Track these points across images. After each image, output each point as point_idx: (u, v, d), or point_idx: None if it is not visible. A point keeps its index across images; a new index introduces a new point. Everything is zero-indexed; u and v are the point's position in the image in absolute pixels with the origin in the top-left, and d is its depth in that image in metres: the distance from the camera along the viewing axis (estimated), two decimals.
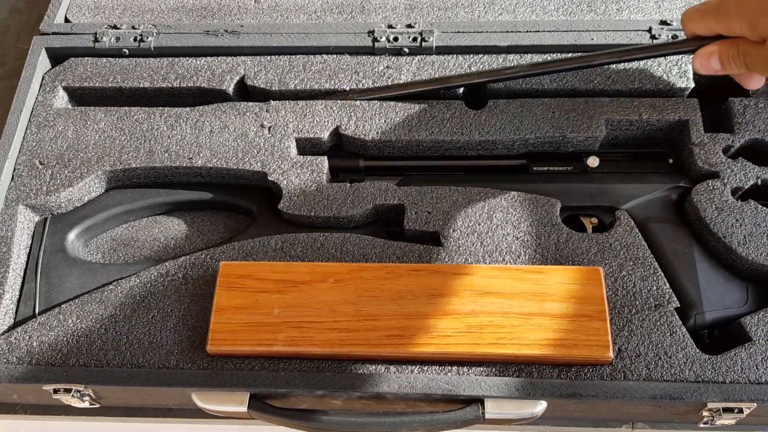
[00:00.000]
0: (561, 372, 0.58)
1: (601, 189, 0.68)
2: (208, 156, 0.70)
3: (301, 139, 0.71)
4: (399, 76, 0.73)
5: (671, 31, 0.73)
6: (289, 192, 0.68)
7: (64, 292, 0.65)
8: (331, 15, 0.81)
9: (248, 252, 0.65)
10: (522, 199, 0.66)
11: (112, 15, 0.82)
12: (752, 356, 0.58)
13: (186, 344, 0.61)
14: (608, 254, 0.63)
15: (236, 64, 0.75)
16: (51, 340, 0.61)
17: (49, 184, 0.69)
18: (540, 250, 0.64)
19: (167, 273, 0.64)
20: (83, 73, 0.75)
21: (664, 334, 0.59)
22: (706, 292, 0.63)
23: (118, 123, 0.72)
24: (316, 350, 0.58)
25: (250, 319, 0.59)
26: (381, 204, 0.67)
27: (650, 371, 0.58)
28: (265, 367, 0.59)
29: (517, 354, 0.57)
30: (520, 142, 0.70)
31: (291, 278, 0.61)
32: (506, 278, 0.60)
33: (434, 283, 0.60)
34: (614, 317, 0.60)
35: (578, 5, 0.80)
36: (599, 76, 0.72)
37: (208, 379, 0.59)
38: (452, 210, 0.66)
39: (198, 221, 0.72)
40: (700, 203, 0.65)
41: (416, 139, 0.70)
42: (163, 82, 0.74)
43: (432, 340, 0.58)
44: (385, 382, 0.58)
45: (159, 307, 0.62)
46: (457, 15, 0.80)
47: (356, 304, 0.59)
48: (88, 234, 0.70)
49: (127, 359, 0.60)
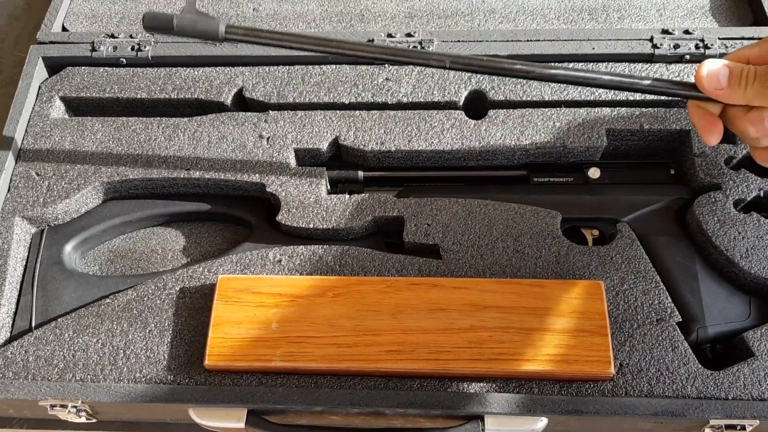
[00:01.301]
0: (562, 388, 0.57)
1: (603, 200, 0.68)
2: (206, 167, 0.69)
3: (300, 149, 0.70)
4: (399, 89, 0.72)
5: (673, 40, 0.73)
6: (287, 203, 0.67)
7: (61, 305, 0.65)
8: (331, 23, 0.80)
9: (246, 265, 0.65)
10: (522, 212, 0.66)
11: (109, 24, 0.81)
12: (755, 372, 0.57)
13: (183, 359, 0.60)
14: (609, 267, 0.63)
15: (234, 75, 0.74)
16: (47, 354, 0.61)
17: (45, 196, 0.68)
18: (540, 263, 0.63)
19: (164, 286, 0.63)
20: (80, 82, 0.75)
21: (665, 349, 0.59)
22: (708, 306, 0.62)
23: (115, 133, 0.72)
24: (314, 365, 0.58)
25: (247, 333, 0.59)
26: (380, 216, 0.67)
27: (652, 387, 0.57)
28: (263, 382, 0.58)
29: (517, 370, 0.57)
30: (521, 152, 0.69)
31: (289, 292, 0.60)
32: (506, 292, 0.60)
33: (434, 297, 0.59)
34: (615, 332, 0.59)
35: (579, 14, 0.79)
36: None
37: (205, 394, 0.58)
38: (452, 222, 0.66)
39: (196, 232, 0.72)
40: (702, 215, 0.64)
41: (416, 149, 0.69)
42: (160, 93, 0.73)
43: (432, 356, 0.57)
44: (384, 398, 0.57)
45: (156, 321, 0.62)
46: (457, 23, 0.79)
47: (355, 319, 0.59)
48: (85, 246, 0.70)
49: (123, 374, 0.60)
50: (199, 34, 0.56)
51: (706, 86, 0.53)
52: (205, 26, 0.55)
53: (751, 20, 0.78)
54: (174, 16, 0.55)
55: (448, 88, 0.72)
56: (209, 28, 0.55)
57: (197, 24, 0.55)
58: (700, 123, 0.57)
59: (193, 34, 0.56)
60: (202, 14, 0.56)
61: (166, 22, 0.55)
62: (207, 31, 0.56)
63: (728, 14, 0.79)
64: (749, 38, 0.73)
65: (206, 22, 0.55)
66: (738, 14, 0.79)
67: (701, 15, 0.79)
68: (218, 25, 0.55)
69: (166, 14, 0.55)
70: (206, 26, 0.55)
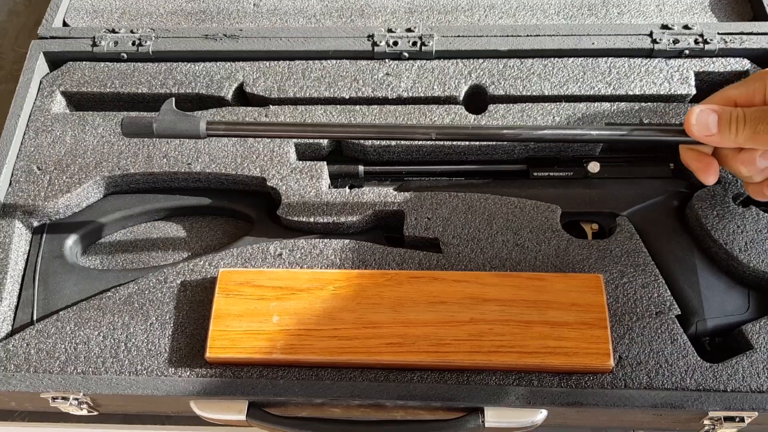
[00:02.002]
0: (561, 380, 0.57)
1: (602, 195, 0.68)
2: (206, 161, 0.69)
3: (301, 144, 0.70)
4: (399, 84, 0.72)
5: (672, 35, 0.73)
6: (288, 197, 0.67)
7: (62, 298, 0.65)
8: (331, 19, 0.81)
9: (247, 258, 0.65)
10: (522, 205, 0.66)
11: (110, 19, 0.81)
12: (754, 364, 0.58)
13: (184, 352, 0.60)
14: (609, 261, 0.63)
15: (235, 70, 0.74)
16: (49, 347, 0.61)
17: (47, 190, 0.68)
18: (540, 256, 0.64)
19: (165, 280, 0.64)
20: (81, 77, 0.75)
21: (665, 341, 0.59)
22: (707, 299, 0.62)
23: (116, 128, 0.72)
24: (315, 358, 0.58)
25: (248, 326, 0.59)
26: (380, 210, 0.67)
27: (651, 379, 0.58)
28: (264, 375, 0.59)
29: (517, 362, 0.57)
30: (521, 147, 0.70)
31: (290, 285, 0.61)
32: (506, 285, 0.60)
33: (434, 290, 0.60)
34: (615, 325, 0.60)
35: (579, 9, 0.79)
36: (600, 82, 0.71)
37: (206, 387, 0.58)
38: (452, 216, 0.66)
39: (196, 227, 0.72)
40: (701, 209, 0.64)
41: (416, 144, 0.70)
42: (161, 88, 0.74)
43: (432, 348, 0.57)
44: (385, 390, 0.57)
45: (157, 314, 0.62)
46: (457, 19, 0.79)
47: (356, 312, 0.59)
48: (87, 240, 0.70)
49: (125, 367, 0.60)
50: (181, 134, 0.56)
51: (696, 133, 0.53)
52: (185, 126, 0.56)
53: (750, 15, 0.78)
54: (153, 120, 0.56)
55: (448, 83, 0.72)
56: (190, 128, 0.56)
57: (177, 125, 0.56)
58: (695, 164, 0.58)
59: (174, 135, 0.57)
60: (181, 114, 0.56)
61: (145, 127, 0.56)
62: (188, 131, 0.56)
63: (727, 9, 0.79)
64: (748, 33, 0.73)
65: (186, 121, 0.56)
66: (737, 9, 0.79)
67: (700, 10, 0.79)
68: (198, 124, 0.55)
69: (144, 119, 0.56)
70: (187, 126, 0.56)
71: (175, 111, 0.56)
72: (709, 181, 0.57)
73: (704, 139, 0.53)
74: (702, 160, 0.57)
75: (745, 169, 0.55)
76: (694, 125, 0.53)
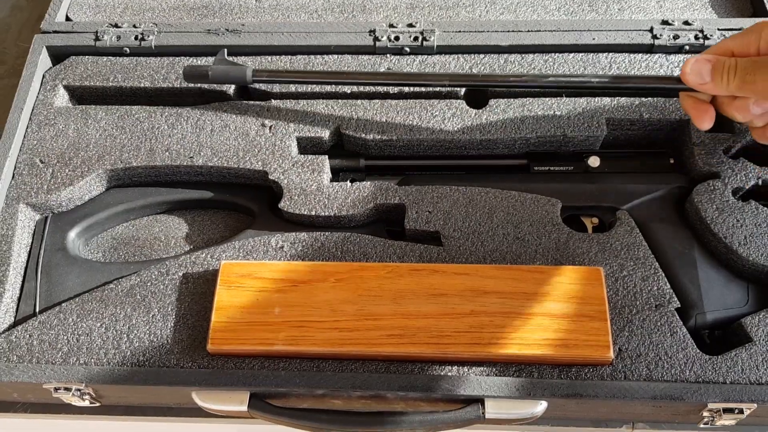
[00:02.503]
0: (561, 372, 0.58)
1: (602, 189, 0.68)
2: (209, 155, 0.70)
3: (302, 138, 0.71)
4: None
5: (672, 30, 0.73)
6: (289, 191, 0.68)
7: (65, 290, 0.65)
8: (332, 14, 0.81)
9: (249, 251, 0.65)
10: (523, 199, 0.66)
11: (113, 13, 0.82)
12: (753, 357, 0.58)
13: (186, 343, 0.61)
14: (609, 254, 0.63)
15: None
16: (51, 338, 0.61)
17: (49, 183, 0.69)
18: (541, 249, 0.64)
19: (168, 272, 0.64)
20: (84, 71, 0.75)
21: (664, 334, 0.59)
22: (706, 293, 0.63)
23: (118, 122, 0.72)
24: (316, 349, 0.58)
25: (250, 318, 0.59)
26: (382, 203, 0.67)
27: (651, 371, 0.58)
28: (266, 366, 0.59)
29: (517, 354, 0.57)
30: (521, 141, 0.70)
31: (291, 277, 0.61)
32: (507, 278, 0.60)
33: (435, 282, 0.60)
34: (615, 317, 0.60)
35: (579, 5, 0.80)
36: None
37: (208, 378, 0.58)
38: (453, 209, 0.66)
39: (198, 220, 0.72)
40: (701, 203, 0.65)
41: (417, 138, 0.70)
42: (164, 82, 0.74)
43: (432, 340, 0.58)
44: (386, 382, 0.58)
45: (159, 306, 0.62)
46: (459, 14, 0.80)
47: (357, 304, 0.59)
48: (89, 233, 0.70)
49: (127, 358, 0.60)
50: (232, 81, 0.69)
51: (690, 82, 0.57)
52: (236, 73, 0.68)
53: (750, 12, 0.79)
54: (209, 68, 0.68)
55: None
56: (239, 75, 0.68)
57: (228, 72, 0.68)
58: (692, 110, 0.61)
59: (225, 81, 0.69)
60: (231, 63, 0.69)
61: (202, 74, 0.68)
62: (237, 78, 0.68)
63: (727, 6, 0.79)
64: None
65: (236, 69, 0.68)
66: (737, 6, 0.79)
67: (701, 6, 0.79)
68: (245, 72, 0.68)
69: (201, 67, 0.68)
70: (237, 73, 0.68)
71: (227, 60, 0.69)
72: (704, 126, 0.60)
73: (698, 87, 0.57)
74: (699, 107, 0.60)
75: (740, 116, 0.58)
76: (689, 74, 0.57)
